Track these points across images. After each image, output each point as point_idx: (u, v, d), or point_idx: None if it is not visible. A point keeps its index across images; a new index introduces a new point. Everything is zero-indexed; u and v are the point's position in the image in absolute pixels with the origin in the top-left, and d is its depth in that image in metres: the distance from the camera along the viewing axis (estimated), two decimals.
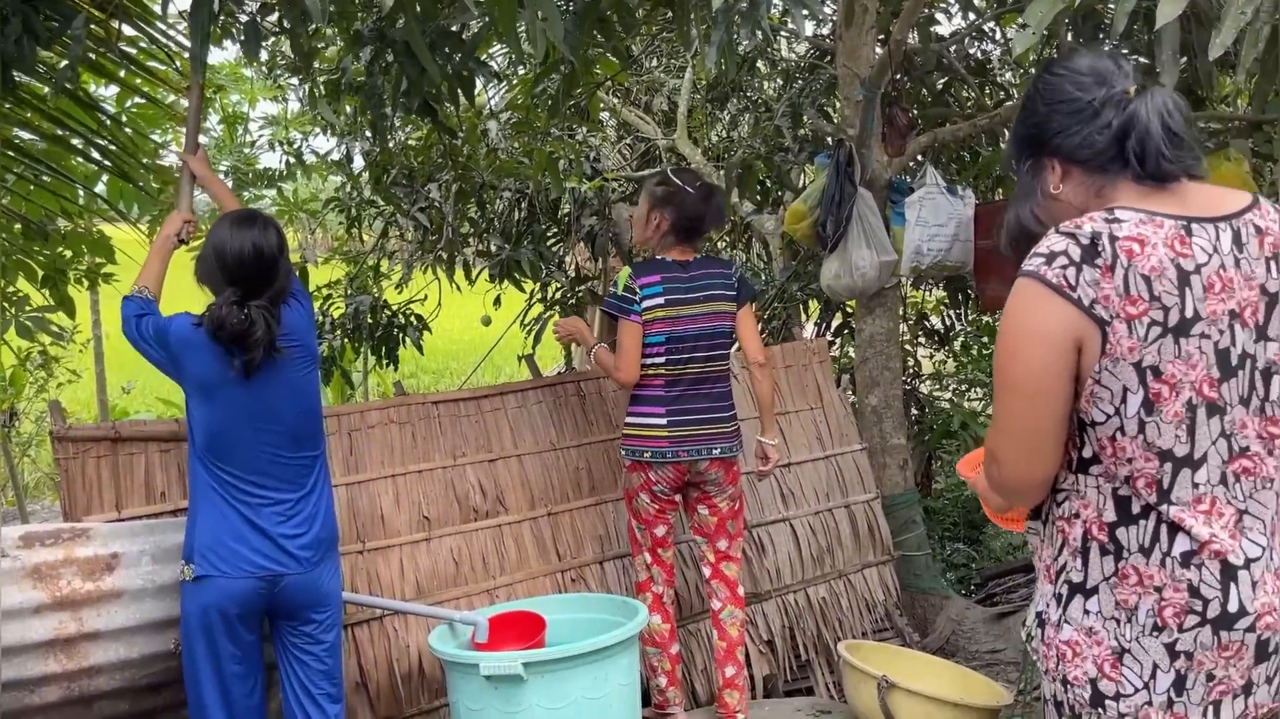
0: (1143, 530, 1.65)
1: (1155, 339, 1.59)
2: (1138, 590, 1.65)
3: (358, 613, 3.45)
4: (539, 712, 2.86)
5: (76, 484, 3.16)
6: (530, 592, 3.72)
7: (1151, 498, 1.64)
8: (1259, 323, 1.64)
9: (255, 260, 2.70)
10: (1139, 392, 1.60)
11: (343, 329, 5.93)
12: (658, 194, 3.59)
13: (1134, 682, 1.65)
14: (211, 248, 2.72)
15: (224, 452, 2.74)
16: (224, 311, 2.66)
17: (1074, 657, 1.69)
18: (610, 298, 3.56)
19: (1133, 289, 1.58)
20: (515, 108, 5.72)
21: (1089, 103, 1.70)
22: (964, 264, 4.42)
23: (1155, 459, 1.62)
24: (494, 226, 6.17)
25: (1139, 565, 1.65)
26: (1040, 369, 1.62)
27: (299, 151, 6.85)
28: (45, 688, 2.72)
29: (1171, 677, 1.64)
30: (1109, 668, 1.66)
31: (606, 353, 3.61)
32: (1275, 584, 1.64)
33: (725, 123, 7.01)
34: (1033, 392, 1.64)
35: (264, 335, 2.68)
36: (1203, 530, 1.62)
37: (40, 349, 7.03)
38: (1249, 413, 1.65)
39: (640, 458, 3.50)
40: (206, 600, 2.71)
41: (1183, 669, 1.63)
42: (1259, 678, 1.66)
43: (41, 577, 2.72)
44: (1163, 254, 1.60)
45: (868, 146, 4.37)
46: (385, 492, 3.65)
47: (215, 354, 2.70)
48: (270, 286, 2.72)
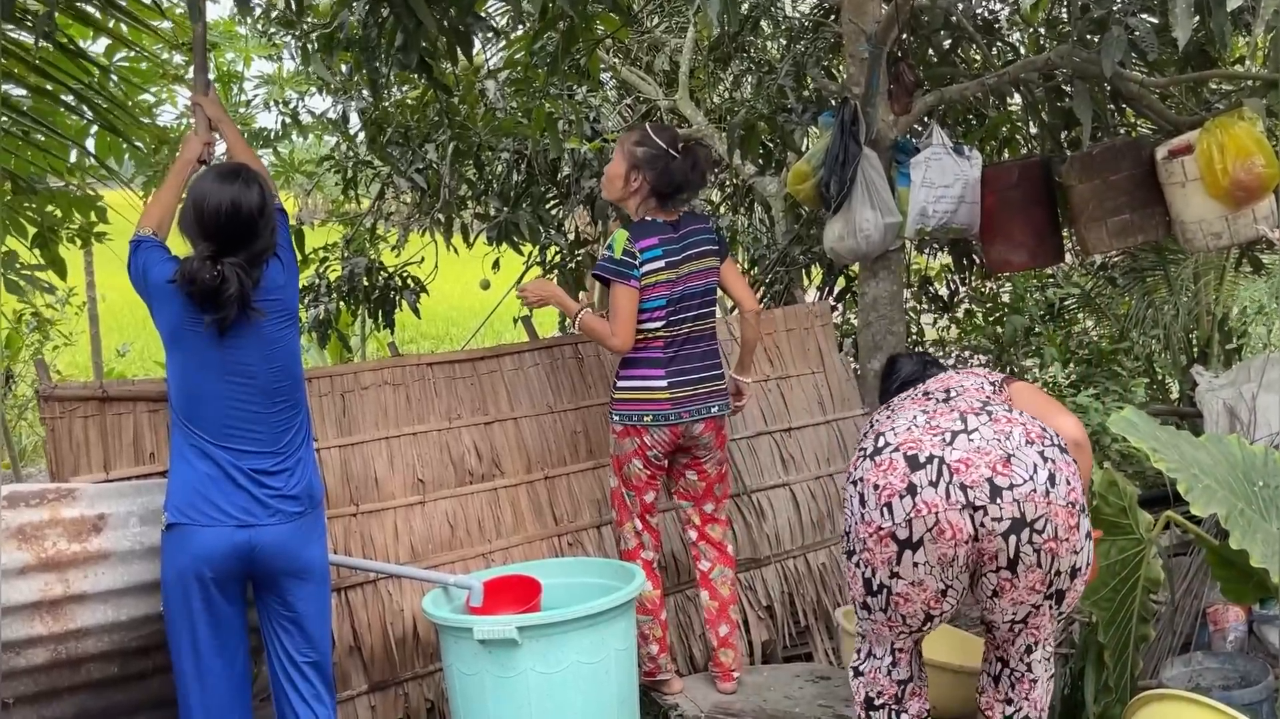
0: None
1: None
2: None
3: (351, 576, 3.41)
4: (534, 676, 2.82)
5: (64, 444, 3.10)
6: (526, 556, 3.67)
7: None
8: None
9: (232, 217, 2.62)
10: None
11: (339, 292, 5.86)
12: (638, 154, 3.46)
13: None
14: (192, 199, 2.65)
15: (196, 406, 2.69)
16: (196, 267, 2.59)
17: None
18: (606, 261, 3.44)
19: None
20: (514, 65, 5.61)
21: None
22: (970, 226, 4.34)
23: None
24: (492, 188, 6.08)
25: None
26: None
27: (295, 112, 6.73)
28: (31, 650, 2.68)
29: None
30: None
31: (596, 319, 3.50)
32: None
33: (728, 83, 6.90)
34: None
35: (236, 293, 2.61)
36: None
37: (34, 311, 6.97)
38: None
39: (639, 422, 3.43)
40: (182, 562, 2.66)
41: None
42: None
43: (26, 537, 2.67)
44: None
45: (873, 105, 4.27)
46: (379, 454, 3.59)
47: (187, 306, 2.64)
48: (247, 245, 2.65)
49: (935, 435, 2.58)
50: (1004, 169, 4.40)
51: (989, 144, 5.42)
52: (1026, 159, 4.80)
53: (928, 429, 2.61)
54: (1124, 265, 6.83)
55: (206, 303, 2.61)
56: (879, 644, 2.74)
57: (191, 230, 2.65)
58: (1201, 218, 3.86)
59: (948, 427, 2.60)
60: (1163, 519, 3.07)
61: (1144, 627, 3.07)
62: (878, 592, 2.59)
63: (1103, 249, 4.30)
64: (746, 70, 6.59)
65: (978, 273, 6.24)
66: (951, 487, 2.48)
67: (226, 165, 2.77)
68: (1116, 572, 2.98)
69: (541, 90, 5.45)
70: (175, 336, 2.69)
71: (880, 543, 2.54)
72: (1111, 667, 2.98)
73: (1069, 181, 4.20)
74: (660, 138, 3.48)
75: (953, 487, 2.48)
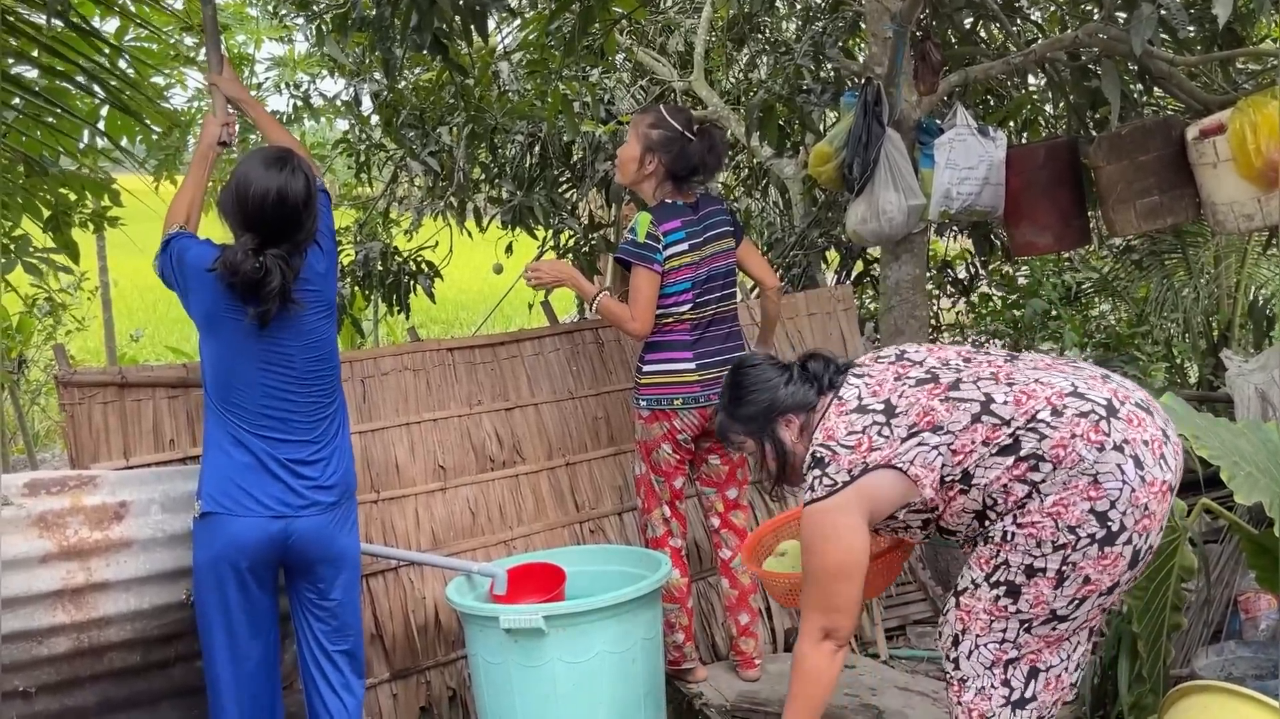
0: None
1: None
2: None
3: (373, 564, 3.38)
4: (560, 666, 2.79)
5: (83, 430, 3.07)
6: (548, 543, 3.64)
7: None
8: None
9: (278, 207, 2.54)
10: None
11: (352, 276, 5.81)
12: (653, 137, 3.39)
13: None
14: (235, 183, 2.56)
15: (233, 394, 2.64)
16: (239, 258, 2.52)
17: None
18: (629, 244, 3.38)
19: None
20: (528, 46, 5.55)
21: (782, 371, 2.52)
22: (994, 209, 4.27)
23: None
24: (506, 172, 6.02)
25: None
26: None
27: (306, 95, 6.67)
28: (54, 639, 2.65)
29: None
30: None
31: (615, 302, 3.43)
32: None
33: (743, 64, 6.82)
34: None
35: (278, 286, 2.55)
36: None
37: (47, 296, 6.93)
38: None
39: (668, 405, 3.39)
40: (217, 550, 2.62)
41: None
42: None
43: (48, 525, 2.64)
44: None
45: (896, 86, 4.20)
46: (400, 440, 3.56)
47: (227, 295, 2.58)
48: (291, 235, 2.58)
49: (1094, 381, 2.30)
50: (1030, 150, 4.33)
51: (1009, 125, 5.35)
52: (1053, 140, 4.73)
53: (1081, 377, 2.30)
54: (1144, 248, 6.76)
55: (248, 295, 2.55)
56: (1059, 649, 2.33)
57: (233, 217, 2.58)
58: (1233, 199, 3.78)
59: (1080, 371, 2.34)
60: (1199, 507, 3.01)
61: (1176, 615, 3.02)
62: (1133, 564, 2.25)
63: (1130, 231, 4.23)
64: (762, 51, 6.52)
65: (999, 256, 6.17)
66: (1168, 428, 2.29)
67: (273, 150, 2.68)
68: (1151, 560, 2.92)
69: (556, 72, 5.38)
70: (212, 324, 2.63)
71: (1162, 499, 2.21)
72: (1145, 656, 2.94)
73: (1096, 163, 4.12)
74: (675, 119, 3.42)
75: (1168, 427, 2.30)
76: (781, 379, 2.49)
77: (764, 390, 2.49)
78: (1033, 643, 2.29)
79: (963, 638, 2.32)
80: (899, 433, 2.29)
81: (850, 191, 4.25)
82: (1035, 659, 2.30)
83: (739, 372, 2.57)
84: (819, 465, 2.34)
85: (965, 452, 2.25)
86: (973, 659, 2.31)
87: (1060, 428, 2.21)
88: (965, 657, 2.32)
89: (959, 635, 2.33)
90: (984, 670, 2.30)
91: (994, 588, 2.27)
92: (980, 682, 2.30)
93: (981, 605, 2.29)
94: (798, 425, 2.46)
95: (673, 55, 6.72)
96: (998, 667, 2.28)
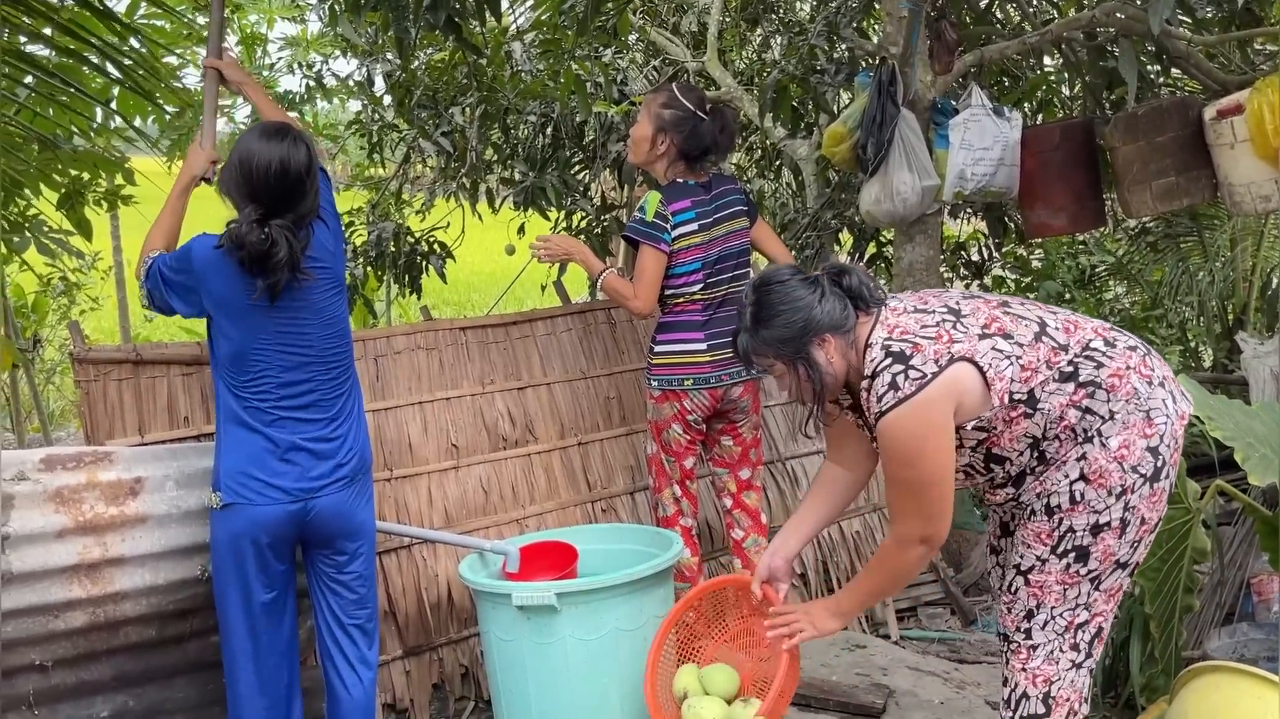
0: None
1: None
2: None
3: (386, 541, 3.39)
4: (572, 643, 2.80)
5: (98, 407, 3.08)
6: (560, 522, 3.65)
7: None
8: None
9: (281, 177, 2.54)
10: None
11: (365, 257, 5.82)
12: (665, 117, 3.39)
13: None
14: (237, 158, 2.56)
15: (249, 376, 2.64)
16: (244, 230, 2.51)
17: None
18: (636, 223, 3.38)
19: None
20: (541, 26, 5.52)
21: (813, 287, 2.28)
22: (1009, 190, 4.25)
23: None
24: (518, 152, 6.01)
25: None
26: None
27: (319, 75, 6.66)
28: (70, 613, 2.67)
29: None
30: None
31: (620, 279, 3.43)
32: None
33: (756, 44, 6.78)
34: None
35: (286, 257, 2.54)
36: None
37: (61, 275, 6.96)
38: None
39: (679, 386, 3.39)
40: (237, 528, 2.63)
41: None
42: None
43: (64, 500, 2.66)
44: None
45: (911, 65, 4.17)
46: (413, 419, 3.57)
47: (238, 275, 2.58)
48: (295, 206, 2.57)
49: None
50: (1045, 131, 4.30)
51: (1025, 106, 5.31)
52: (1068, 120, 4.69)
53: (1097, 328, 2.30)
54: (1158, 231, 6.72)
55: (256, 267, 2.54)
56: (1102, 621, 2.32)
57: (236, 191, 2.57)
58: (1250, 180, 3.75)
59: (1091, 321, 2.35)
60: (1212, 489, 3.01)
61: (1189, 597, 3.03)
62: (1169, 497, 2.27)
63: (1146, 213, 4.20)
64: (776, 31, 6.48)
65: (1013, 238, 6.14)
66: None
67: (272, 123, 2.67)
68: (1164, 542, 2.92)
69: (569, 52, 5.36)
70: (225, 308, 2.62)
71: (1183, 431, 2.25)
72: (1157, 637, 2.94)
73: (1112, 143, 4.09)
74: (687, 99, 3.42)
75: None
76: (814, 296, 2.27)
77: (796, 309, 2.26)
78: (1100, 600, 2.27)
79: (1037, 612, 2.29)
80: (974, 331, 2.19)
81: (864, 172, 4.23)
82: (1102, 618, 2.29)
83: (764, 289, 2.31)
84: (899, 360, 2.15)
85: (1032, 369, 2.18)
86: (1047, 629, 2.29)
87: (1115, 358, 2.22)
88: (1040, 627, 2.30)
89: (1033, 610, 2.30)
90: (1055, 636, 2.29)
91: (1063, 557, 2.24)
92: (1050, 646, 2.29)
93: (1053, 578, 2.26)
94: (834, 345, 2.26)
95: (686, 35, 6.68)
96: (1069, 631, 2.28)
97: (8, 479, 2.61)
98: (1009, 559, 2.37)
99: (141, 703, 2.82)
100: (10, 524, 2.58)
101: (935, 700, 3.31)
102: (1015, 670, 2.33)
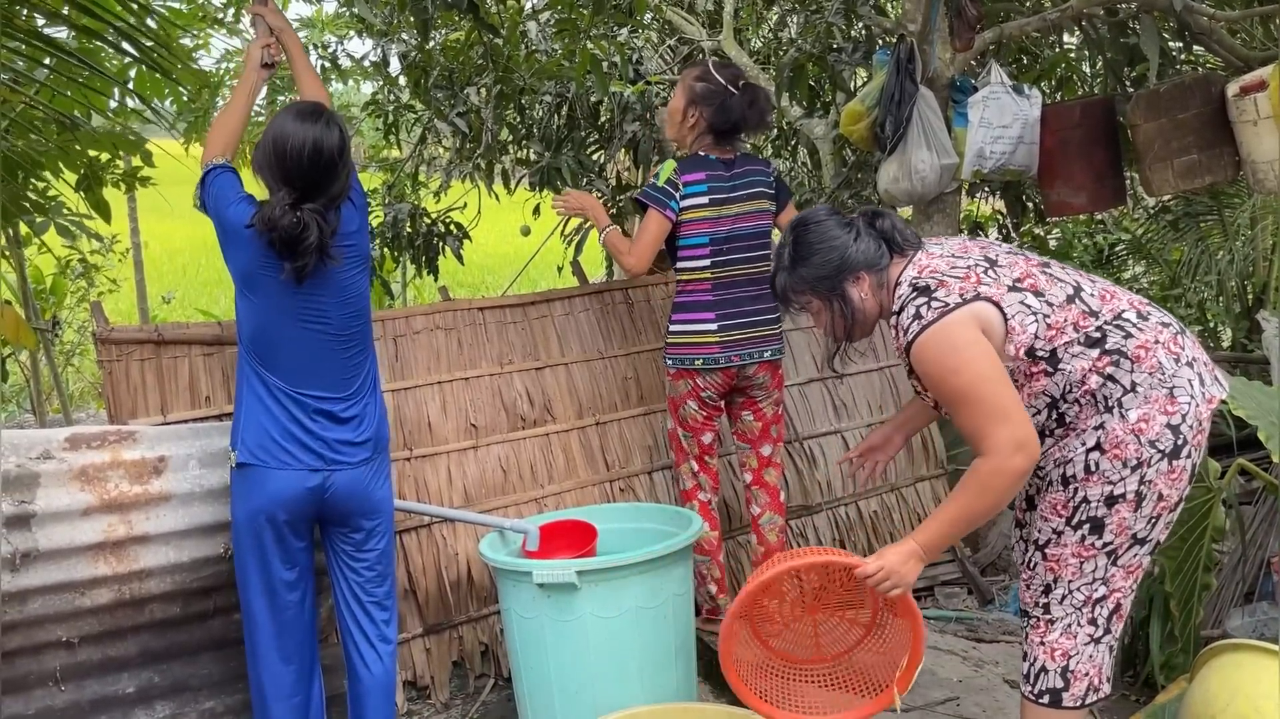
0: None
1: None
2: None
3: (406, 520, 3.41)
4: (592, 621, 2.81)
5: (121, 387, 3.11)
6: (579, 501, 3.66)
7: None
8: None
9: (314, 160, 2.55)
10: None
11: (382, 238, 5.82)
12: (697, 90, 3.41)
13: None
14: (271, 139, 2.57)
15: (270, 350, 2.65)
16: (277, 213, 2.53)
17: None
18: (649, 188, 3.42)
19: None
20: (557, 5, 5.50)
21: (848, 227, 2.35)
22: (1028, 168, 4.22)
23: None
24: (534, 133, 6.00)
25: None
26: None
27: (334, 56, 6.65)
28: (95, 590, 2.71)
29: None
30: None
31: (619, 236, 3.52)
32: None
33: (773, 23, 6.74)
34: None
35: (316, 241, 2.55)
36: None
37: (80, 258, 7.00)
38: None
39: (689, 365, 3.40)
40: (255, 503, 2.65)
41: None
42: None
43: (89, 479, 2.69)
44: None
45: (930, 43, 4.14)
46: (432, 399, 3.58)
47: (265, 251, 2.59)
48: (327, 189, 2.59)
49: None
50: (1065, 108, 4.27)
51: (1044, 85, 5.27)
52: (1089, 98, 4.65)
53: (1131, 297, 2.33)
54: (1178, 209, 6.67)
55: (286, 250, 2.56)
56: (1124, 599, 2.33)
57: (270, 172, 2.58)
58: (1274, 157, 3.72)
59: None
60: (1234, 468, 3.00)
61: (1207, 576, 3.02)
62: (1192, 477, 2.27)
63: (1168, 191, 4.17)
64: (792, 9, 6.44)
65: (1031, 218, 6.10)
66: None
67: (306, 104, 2.68)
68: (1184, 520, 2.91)
69: (585, 31, 5.34)
70: (250, 281, 2.64)
71: (1210, 416, 2.25)
72: (1177, 616, 2.94)
73: (1134, 121, 4.06)
74: (721, 75, 3.42)
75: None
76: (849, 235, 2.33)
77: (831, 248, 2.33)
78: (1119, 576, 2.28)
79: (1055, 585, 2.32)
80: (1005, 281, 2.23)
81: (882, 150, 4.21)
82: (1120, 594, 2.30)
83: (801, 228, 2.38)
84: (925, 293, 2.21)
85: (1059, 328, 2.20)
86: (1065, 603, 2.31)
87: (1145, 330, 2.24)
88: (1058, 602, 2.32)
89: (1050, 585, 2.32)
90: (1073, 610, 2.31)
91: (1077, 529, 2.27)
92: (1068, 620, 2.31)
93: (1069, 551, 2.28)
94: (867, 283, 2.32)
95: (701, 14, 6.65)
96: (1087, 605, 2.30)
97: (33, 458, 2.63)
98: (1029, 534, 2.38)
99: (166, 679, 2.86)
100: (37, 502, 2.61)
101: (953, 679, 3.32)
102: (1034, 644, 2.35)
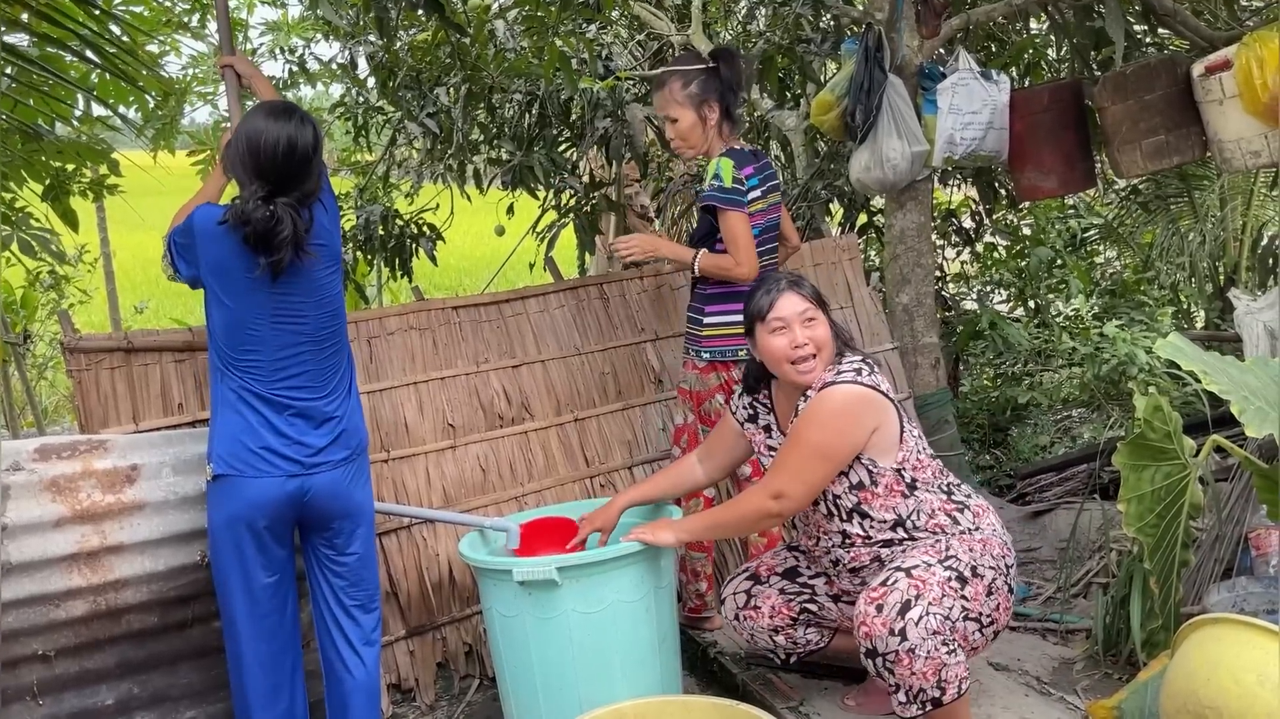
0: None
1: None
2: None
3: (385, 522, 3.39)
4: (574, 616, 2.80)
5: (91, 397, 3.07)
6: (559, 498, 3.65)
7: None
8: None
9: (288, 156, 2.53)
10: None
11: (354, 241, 5.78)
12: (693, 91, 3.33)
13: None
14: (244, 136, 2.54)
15: (245, 352, 2.62)
16: (250, 207, 2.50)
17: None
18: (716, 190, 3.26)
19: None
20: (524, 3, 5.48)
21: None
22: (999, 153, 4.24)
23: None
24: (504, 132, 5.97)
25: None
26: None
27: (302, 59, 6.60)
28: (71, 602, 2.67)
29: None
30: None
31: (714, 255, 3.33)
32: None
33: (741, 16, 6.74)
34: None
35: (290, 235, 2.53)
36: None
37: (50, 269, 6.92)
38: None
39: (732, 356, 3.33)
40: (233, 510, 2.61)
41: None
42: None
43: (60, 489, 2.66)
44: None
45: (897, 31, 4.16)
46: (408, 400, 3.56)
47: (240, 250, 2.56)
48: (301, 184, 2.57)
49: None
50: (1033, 93, 4.29)
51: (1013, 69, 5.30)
52: (1056, 82, 4.68)
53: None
54: (1148, 192, 6.71)
55: (260, 244, 2.52)
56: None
57: (243, 169, 2.56)
58: (1240, 136, 3.75)
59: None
60: (1209, 444, 3.01)
61: (1185, 552, 3.03)
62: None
63: (1137, 172, 4.20)
64: (760, 2, 6.44)
65: (1004, 204, 6.13)
66: None
67: (278, 102, 2.66)
68: (1161, 498, 2.93)
69: (553, 28, 5.32)
70: (225, 282, 2.59)
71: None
72: (1157, 593, 2.95)
73: (1101, 103, 4.09)
74: (691, 63, 3.40)
75: None
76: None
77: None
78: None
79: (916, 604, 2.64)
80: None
81: (853, 140, 4.22)
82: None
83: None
84: (866, 365, 2.70)
85: (924, 467, 2.72)
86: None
87: (984, 528, 2.75)
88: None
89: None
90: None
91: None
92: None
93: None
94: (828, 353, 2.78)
95: (670, 9, 6.64)
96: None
97: (2, 470, 2.60)
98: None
99: (146, 690, 2.82)
100: (7, 514, 2.58)
101: None
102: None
